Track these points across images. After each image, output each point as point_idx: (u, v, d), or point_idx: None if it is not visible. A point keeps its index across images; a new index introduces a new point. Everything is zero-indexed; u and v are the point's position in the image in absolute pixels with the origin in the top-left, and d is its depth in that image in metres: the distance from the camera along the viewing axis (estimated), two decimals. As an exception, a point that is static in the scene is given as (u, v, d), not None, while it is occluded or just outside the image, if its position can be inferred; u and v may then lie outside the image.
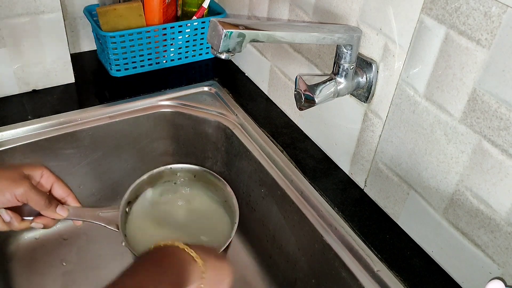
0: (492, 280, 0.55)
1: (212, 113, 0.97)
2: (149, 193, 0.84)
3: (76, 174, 0.95)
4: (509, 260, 0.60)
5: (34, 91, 0.96)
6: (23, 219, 0.65)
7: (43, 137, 0.87)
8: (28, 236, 0.96)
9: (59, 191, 0.68)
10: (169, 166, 0.83)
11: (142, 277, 0.53)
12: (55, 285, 0.89)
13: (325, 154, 0.88)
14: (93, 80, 1.02)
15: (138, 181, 0.79)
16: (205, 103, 0.99)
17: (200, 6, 1.05)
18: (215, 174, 0.86)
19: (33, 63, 0.93)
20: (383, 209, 0.78)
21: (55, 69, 0.96)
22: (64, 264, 0.92)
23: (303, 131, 0.92)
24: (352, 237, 0.73)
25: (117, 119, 0.93)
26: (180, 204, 0.86)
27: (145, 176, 0.80)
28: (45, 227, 0.67)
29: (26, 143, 0.86)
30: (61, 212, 0.67)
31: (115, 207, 0.74)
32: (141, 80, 1.03)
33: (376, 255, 0.71)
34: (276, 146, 0.89)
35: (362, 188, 0.81)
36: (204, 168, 0.85)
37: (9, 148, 0.85)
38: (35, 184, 0.64)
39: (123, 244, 0.73)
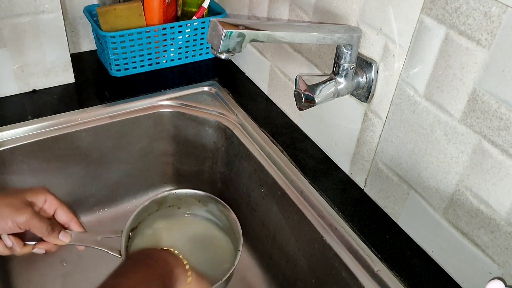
0: (492, 280, 0.55)
1: (212, 113, 0.97)
2: (152, 219, 0.83)
3: (76, 174, 0.95)
4: (509, 260, 0.60)
5: (34, 91, 0.96)
6: (25, 244, 0.65)
7: (43, 137, 0.87)
8: (28, 236, 0.96)
9: (62, 217, 0.67)
10: (173, 192, 0.83)
11: (131, 278, 0.53)
12: (55, 285, 0.89)
13: (325, 154, 0.88)
14: (93, 80, 1.02)
15: (141, 207, 0.78)
16: (205, 103, 0.99)
17: (200, 6, 1.05)
18: (220, 199, 0.85)
19: (33, 63, 0.93)
20: (383, 209, 0.78)
21: (55, 69, 0.96)
22: (64, 264, 0.92)
23: (303, 131, 0.92)
24: (352, 237, 0.73)
25: (117, 119, 0.93)
26: (183, 231, 0.86)
27: (147, 202, 0.79)
28: (47, 251, 0.67)
29: (26, 143, 0.86)
30: (63, 238, 0.67)
31: (118, 232, 0.74)
32: (141, 80, 1.03)
33: (376, 255, 0.71)
34: (276, 146, 0.89)
35: (362, 188, 0.81)
36: (209, 194, 0.85)
37: (9, 148, 0.85)
38: (38, 210, 0.64)
39: None
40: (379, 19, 0.68)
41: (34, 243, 0.66)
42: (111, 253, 0.71)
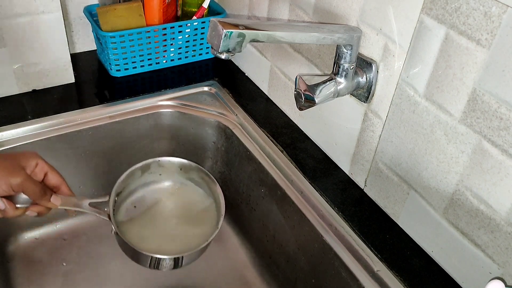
0: (492, 280, 0.55)
1: (212, 113, 0.97)
2: (135, 184, 0.83)
3: (76, 174, 0.95)
4: (509, 260, 0.60)
5: (34, 91, 0.96)
6: (17, 207, 0.66)
7: (43, 137, 0.87)
8: (28, 236, 0.96)
9: (52, 180, 0.68)
10: (157, 159, 0.83)
11: None
12: (55, 285, 0.89)
13: (325, 154, 0.88)
14: (93, 80, 1.02)
15: (125, 173, 0.78)
16: (205, 103, 0.99)
17: (200, 6, 1.05)
18: (202, 168, 0.83)
19: (33, 63, 0.93)
20: (383, 209, 0.78)
21: (55, 69, 0.96)
22: (64, 264, 0.92)
23: (303, 131, 0.92)
24: (352, 237, 0.73)
25: (117, 119, 0.93)
26: (167, 195, 0.85)
27: (131, 169, 0.79)
28: (39, 215, 0.68)
29: (26, 143, 0.86)
30: (54, 201, 0.67)
31: (106, 196, 0.74)
32: (141, 80, 1.03)
33: (376, 255, 0.71)
34: (276, 146, 0.89)
35: (362, 188, 0.81)
36: (192, 162, 0.83)
37: (9, 148, 0.85)
38: (30, 173, 0.65)
39: (112, 232, 0.74)
40: (379, 19, 0.68)
41: (26, 206, 0.66)
42: (100, 216, 0.72)
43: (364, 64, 0.72)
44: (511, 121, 0.55)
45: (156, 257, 0.71)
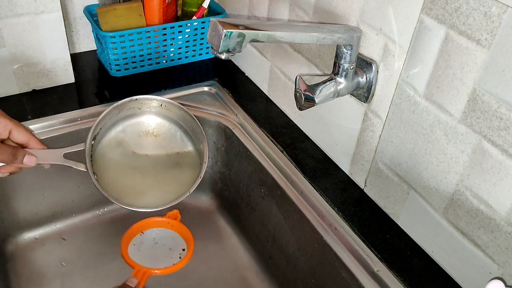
0: (492, 280, 0.55)
1: (212, 113, 0.97)
2: (112, 122, 0.77)
3: (76, 174, 0.95)
4: (509, 260, 0.60)
5: (34, 91, 0.96)
6: None
7: (43, 137, 0.87)
8: (28, 236, 0.96)
9: (19, 137, 0.63)
10: (134, 97, 0.76)
11: None
12: (54, 285, 0.89)
13: (325, 154, 0.88)
14: (93, 80, 1.02)
15: (101, 114, 0.73)
16: (205, 103, 0.99)
17: (200, 6, 1.05)
18: (181, 105, 0.79)
19: (33, 63, 0.93)
20: (383, 209, 0.78)
21: (55, 69, 0.96)
22: (63, 264, 0.92)
23: (303, 131, 0.92)
24: (352, 237, 0.73)
25: (117, 119, 0.93)
26: (144, 128, 0.79)
27: (107, 109, 0.74)
28: (11, 174, 0.64)
29: (26, 143, 0.86)
30: (28, 162, 0.63)
31: (81, 145, 0.70)
32: (141, 80, 1.03)
33: (376, 255, 0.71)
34: (276, 146, 0.89)
35: (362, 188, 0.81)
36: (171, 100, 0.78)
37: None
38: None
39: (94, 182, 0.70)
40: (379, 19, 0.68)
41: None
42: (76, 167, 0.68)
43: (364, 64, 0.72)
44: (511, 121, 0.55)
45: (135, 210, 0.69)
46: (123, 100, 0.75)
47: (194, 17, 1.06)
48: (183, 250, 0.81)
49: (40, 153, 0.65)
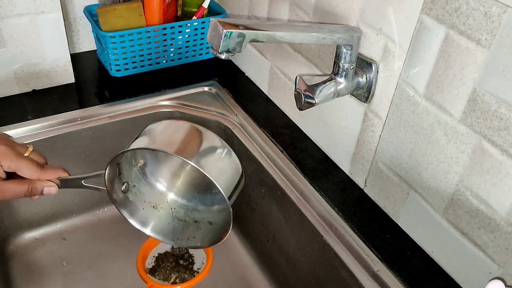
0: (492, 280, 0.55)
1: (212, 113, 0.97)
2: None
3: (76, 174, 0.95)
4: (509, 260, 0.60)
5: (34, 91, 0.96)
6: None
7: (43, 137, 0.87)
8: (28, 236, 0.96)
9: (27, 175, 0.61)
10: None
11: None
12: (55, 285, 0.89)
13: (325, 154, 0.88)
14: (93, 80, 1.02)
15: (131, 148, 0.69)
16: (205, 103, 0.99)
17: (200, 6, 1.05)
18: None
19: (33, 63, 0.93)
20: (383, 209, 0.78)
21: (55, 69, 0.96)
22: (64, 264, 0.92)
23: (303, 131, 0.92)
24: (352, 237, 0.73)
25: (117, 119, 0.93)
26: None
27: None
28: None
29: (26, 143, 0.86)
30: (49, 192, 0.62)
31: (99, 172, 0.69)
32: (141, 80, 1.03)
33: (376, 255, 0.71)
34: (276, 146, 0.89)
35: (362, 188, 0.81)
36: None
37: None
38: (1, 175, 0.59)
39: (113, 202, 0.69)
40: (379, 19, 0.68)
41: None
42: (96, 186, 0.68)
43: (364, 64, 0.72)
44: (511, 121, 0.55)
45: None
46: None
47: (194, 17, 1.06)
48: (203, 263, 0.78)
49: (60, 181, 0.64)
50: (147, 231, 0.71)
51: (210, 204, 0.74)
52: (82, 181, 0.66)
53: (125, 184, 0.71)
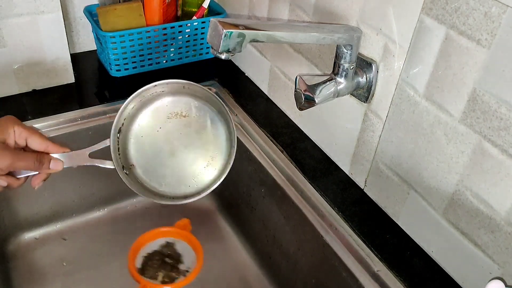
0: (492, 280, 0.55)
1: (212, 113, 0.97)
2: (136, 111, 0.73)
3: (76, 174, 0.95)
4: (509, 260, 0.60)
5: (34, 91, 0.96)
6: (18, 178, 0.61)
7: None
8: (28, 236, 0.96)
9: (36, 145, 0.61)
10: (153, 84, 0.72)
11: None
12: (55, 285, 0.89)
13: (325, 154, 0.88)
14: (93, 80, 1.02)
15: (123, 105, 0.70)
16: (205, 103, 0.99)
17: (200, 6, 1.05)
18: (204, 86, 0.74)
19: (33, 63, 0.93)
20: (383, 209, 0.78)
21: (55, 69, 0.96)
22: (64, 264, 0.92)
23: (303, 131, 0.92)
24: (352, 237, 0.73)
25: (117, 119, 0.93)
26: (175, 117, 0.75)
27: (130, 98, 0.71)
28: (43, 180, 0.64)
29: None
30: (55, 166, 0.62)
31: (106, 141, 0.69)
32: (141, 80, 1.03)
33: (376, 255, 0.71)
34: (276, 146, 0.89)
35: (362, 188, 0.81)
36: (191, 82, 0.74)
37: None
38: (13, 144, 0.59)
39: (123, 178, 0.69)
40: (379, 19, 0.68)
41: (26, 175, 0.62)
42: (104, 166, 0.68)
43: (364, 64, 0.72)
44: (511, 121, 0.55)
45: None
46: (144, 88, 0.72)
47: (194, 17, 1.06)
48: (193, 263, 0.77)
49: (65, 157, 0.64)
50: (162, 200, 0.70)
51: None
52: (88, 155, 0.66)
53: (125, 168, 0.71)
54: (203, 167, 0.73)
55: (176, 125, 0.75)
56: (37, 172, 0.62)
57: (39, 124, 0.88)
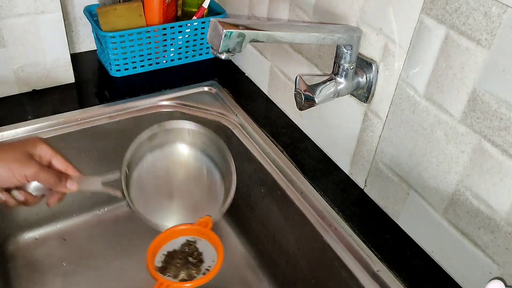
0: (492, 280, 0.55)
1: (212, 113, 0.97)
2: (143, 151, 0.81)
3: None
4: (509, 260, 0.60)
5: (34, 91, 0.96)
6: (34, 196, 0.67)
7: (43, 137, 0.87)
8: (28, 236, 0.96)
9: (58, 164, 0.67)
10: (163, 125, 0.81)
11: None
12: (55, 285, 0.89)
13: (325, 154, 0.88)
14: (93, 80, 1.02)
15: (133, 144, 0.77)
16: (205, 103, 0.99)
17: (200, 6, 1.05)
18: (211, 131, 0.81)
19: (33, 63, 0.93)
20: (383, 209, 0.78)
21: (55, 69, 0.96)
22: (64, 264, 0.92)
23: (303, 131, 0.92)
24: (352, 237, 0.73)
25: (117, 119, 0.93)
26: (175, 159, 0.83)
27: (138, 139, 0.78)
28: (59, 201, 0.69)
29: (26, 143, 0.86)
30: (71, 186, 0.68)
31: (117, 172, 0.74)
32: (141, 80, 1.03)
33: (376, 255, 0.71)
34: (276, 146, 0.89)
35: (362, 188, 0.81)
36: (199, 125, 0.81)
37: (9, 148, 0.85)
38: (38, 160, 0.65)
39: (128, 206, 0.74)
40: (379, 19, 0.68)
41: (42, 193, 0.67)
42: (114, 194, 0.73)
43: (364, 64, 0.72)
44: (511, 121, 0.55)
45: None
46: (152, 130, 0.79)
47: (194, 17, 1.06)
48: (213, 261, 0.76)
49: (80, 181, 0.70)
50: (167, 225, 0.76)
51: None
52: (101, 182, 0.72)
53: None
54: (195, 209, 0.80)
55: (177, 170, 0.82)
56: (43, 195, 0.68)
57: (39, 124, 0.88)
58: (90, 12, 1.02)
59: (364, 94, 0.74)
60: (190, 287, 0.73)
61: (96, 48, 1.09)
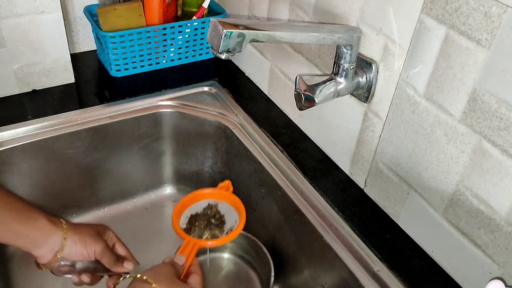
0: (492, 280, 0.55)
1: (212, 113, 0.97)
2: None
3: (77, 174, 0.95)
4: (509, 260, 0.60)
5: (34, 91, 0.96)
6: (97, 276, 0.71)
7: (43, 137, 0.87)
8: (28, 236, 0.96)
9: (120, 250, 0.72)
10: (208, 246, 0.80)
11: None
12: (55, 285, 0.89)
13: (325, 154, 0.88)
14: (93, 80, 1.02)
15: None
16: (205, 103, 0.99)
17: (200, 6, 1.05)
18: (247, 234, 0.88)
19: (33, 63, 0.93)
20: (383, 209, 0.78)
21: (55, 69, 0.96)
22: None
23: (303, 131, 0.92)
24: (352, 237, 0.73)
25: (117, 119, 0.93)
26: (211, 267, 0.90)
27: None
28: (114, 285, 0.72)
29: (26, 143, 0.86)
30: (128, 266, 0.71)
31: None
32: (141, 80, 1.03)
33: (376, 255, 0.71)
34: (276, 146, 0.89)
35: (362, 188, 0.81)
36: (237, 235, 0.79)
37: (9, 148, 0.85)
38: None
39: None
40: (379, 19, 0.68)
41: (102, 274, 0.71)
42: None
43: (364, 64, 0.72)
44: (511, 121, 0.55)
45: None
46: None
47: (194, 17, 1.06)
48: (235, 221, 0.77)
49: (136, 268, 0.72)
50: None
51: None
52: None
53: None
54: None
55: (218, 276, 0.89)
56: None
57: (39, 124, 0.88)
58: (90, 12, 1.02)
59: (364, 94, 0.74)
60: (216, 244, 0.76)
61: (96, 48, 1.09)
